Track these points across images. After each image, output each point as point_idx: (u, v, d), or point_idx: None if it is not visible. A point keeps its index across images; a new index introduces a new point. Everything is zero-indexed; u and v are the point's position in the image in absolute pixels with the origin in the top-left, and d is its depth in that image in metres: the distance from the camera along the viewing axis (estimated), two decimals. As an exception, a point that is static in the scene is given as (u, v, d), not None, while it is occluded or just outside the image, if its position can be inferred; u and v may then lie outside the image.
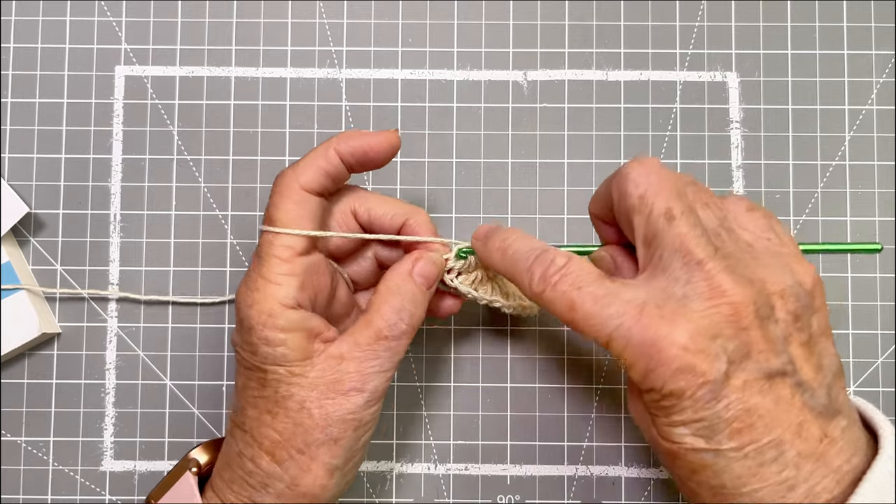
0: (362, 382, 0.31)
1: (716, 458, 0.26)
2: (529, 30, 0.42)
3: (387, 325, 0.31)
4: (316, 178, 0.32)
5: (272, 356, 0.31)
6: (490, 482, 0.40)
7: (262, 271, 0.31)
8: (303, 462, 0.31)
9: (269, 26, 0.42)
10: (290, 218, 0.31)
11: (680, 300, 0.26)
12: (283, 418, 0.31)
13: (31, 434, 0.40)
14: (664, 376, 0.26)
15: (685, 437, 0.26)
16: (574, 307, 0.27)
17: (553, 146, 0.42)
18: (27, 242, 0.41)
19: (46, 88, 0.42)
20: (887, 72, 0.42)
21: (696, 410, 0.26)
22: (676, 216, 0.27)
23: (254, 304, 0.31)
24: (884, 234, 0.41)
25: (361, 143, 0.32)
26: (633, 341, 0.26)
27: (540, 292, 0.29)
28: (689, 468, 0.27)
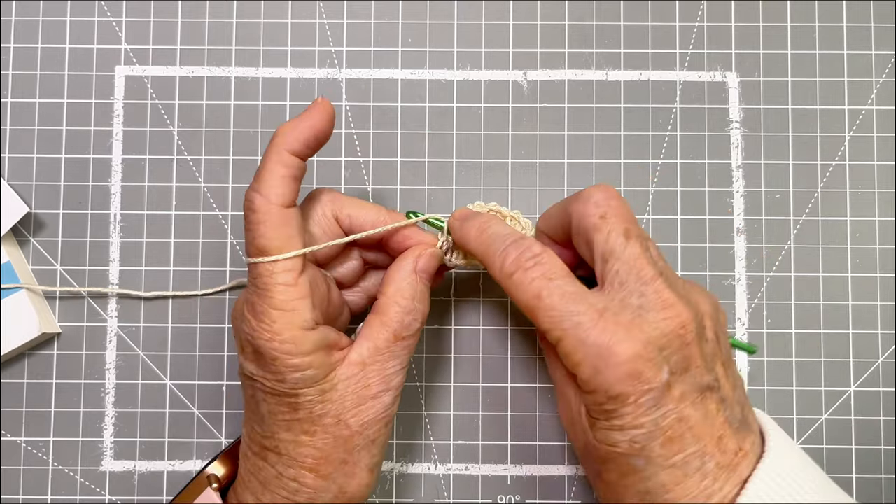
0: (387, 382, 0.32)
1: (646, 465, 0.28)
2: (529, 30, 0.42)
3: (403, 327, 0.32)
4: (285, 188, 0.31)
5: (302, 380, 0.31)
6: (490, 482, 0.40)
7: (272, 303, 0.30)
8: (348, 470, 0.32)
9: (269, 26, 0.42)
10: (281, 242, 0.30)
11: (636, 310, 0.28)
12: (322, 435, 0.31)
13: (31, 434, 0.40)
14: (612, 379, 0.27)
15: (621, 442, 0.28)
16: (540, 296, 0.29)
17: (553, 146, 0.42)
18: (27, 242, 0.41)
19: (46, 88, 0.42)
20: (887, 72, 0.42)
21: (636, 416, 0.27)
22: (632, 237, 0.29)
23: (274, 337, 0.30)
24: (884, 233, 0.41)
25: (304, 129, 0.31)
26: (589, 342, 0.27)
27: (510, 273, 0.30)
28: (618, 472, 0.28)
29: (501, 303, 0.41)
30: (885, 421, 0.40)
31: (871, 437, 0.40)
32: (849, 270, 0.41)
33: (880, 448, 0.40)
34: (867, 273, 0.41)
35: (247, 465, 0.33)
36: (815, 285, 0.41)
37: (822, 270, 0.41)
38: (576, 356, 0.28)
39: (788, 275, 0.41)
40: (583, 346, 0.28)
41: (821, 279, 0.41)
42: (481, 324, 0.41)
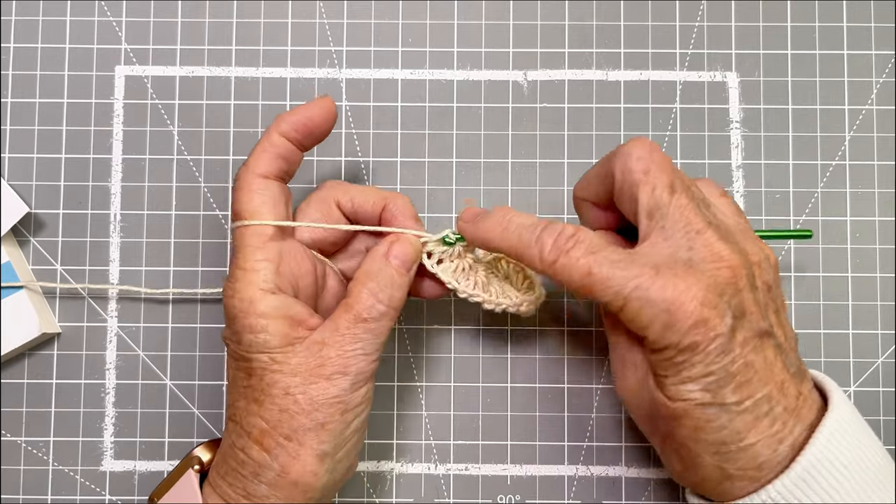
0: (345, 366, 0.31)
1: (720, 413, 0.28)
2: (529, 30, 0.42)
3: (365, 308, 0.32)
4: (269, 163, 0.33)
5: (255, 343, 0.31)
6: (490, 482, 0.40)
7: (237, 262, 0.32)
8: (291, 449, 0.31)
9: (269, 26, 0.42)
10: (254, 207, 0.32)
11: (687, 262, 0.28)
12: (269, 406, 0.31)
13: (31, 434, 0.40)
14: (682, 331, 0.27)
15: (694, 392, 0.28)
16: (591, 272, 0.29)
17: (553, 146, 0.42)
18: (27, 242, 0.41)
19: (46, 88, 0.42)
20: (887, 72, 0.42)
21: (707, 364, 0.28)
22: (678, 190, 0.29)
23: (234, 294, 0.31)
24: (884, 234, 0.41)
25: (299, 117, 0.33)
26: (652, 300, 0.28)
27: (553, 261, 0.30)
28: (692, 426, 0.29)
29: (501, 303, 0.41)
30: (885, 421, 0.40)
31: (871, 437, 0.40)
32: (849, 270, 0.41)
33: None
34: (867, 273, 0.41)
35: (223, 437, 0.34)
36: (815, 285, 0.41)
37: (821, 270, 0.41)
38: (642, 318, 0.28)
39: (789, 275, 0.41)
40: (647, 305, 0.28)
41: (821, 279, 0.41)
42: (481, 324, 0.41)
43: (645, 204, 0.30)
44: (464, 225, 0.34)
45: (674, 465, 0.31)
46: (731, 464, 0.29)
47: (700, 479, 0.30)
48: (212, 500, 0.32)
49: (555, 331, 0.41)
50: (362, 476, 0.40)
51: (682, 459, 0.30)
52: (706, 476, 0.30)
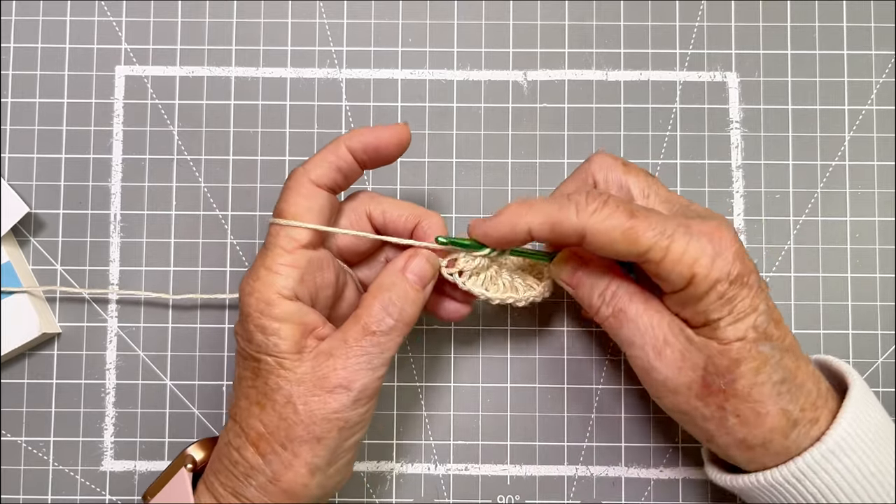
0: (349, 380, 0.31)
1: (773, 350, 0.30)
2: (529, 30, 0.42)
3: (374, 321, 0.31)
4: (326, 172, 0.32)
5: (265, 345, 0.31)
6: (490, 482, 0.40)
7: (265, 261, 0.32)
8: (285, 458, 0.31)
9: (269, 26, 0.42)
10: (298, 210, 0.32)
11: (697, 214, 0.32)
12: (270, 411, 0.31)
13: (31, 434, 0.40)
14: (729, 259, 0.29)
15: (749, 330, 0.30)
16: (634, 216, 0.30)
17: (553, 146, 0.42)
18: (27, 242, 0.41)
19: (46, 88, 0.42)
20: (887, 72, 0.42)
21: (752, 298, 0.30)
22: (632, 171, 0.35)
23: (253, 292, 0.31)
24: (884, 234, 0.41)
25: (372, 138, 0.33)
26: (696, 234, 0.29)
27: (593, 210, 0.30)
28: (752, 368, 0.30)
29: (501, 303, 0.41)
30: (884, 421, 0.40)
31: (871, 437, 0.40)
32: (848, 271, 0.41)
33: (880, 448, 0.40)
34: (867, 273, 0.41)
35: (220, 435, 0.34)
36: (815, 285, 0.41)
37: (821, 271, 0.41)
38: (691, 253, 0.29)
39: (788, 275, 0.41)
40: (694, 240, 0.29)
41: (820, 279, 0.41)
42: (481, 324, 0.41)
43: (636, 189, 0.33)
44: (477, 231, 0.33)
45: (735, 433, 0.31)
46: (794, 403, 0.30)
47: (768, 431, 0.30)
48: (204, 500, 0.32)
49: (555, 331, 0.41)
50: (362, 476, 0.40)
51: (746, 418, 0.30)
52: (774, 426, 0.30)
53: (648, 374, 0.32)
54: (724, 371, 0.30)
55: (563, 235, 0.31)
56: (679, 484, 0.40)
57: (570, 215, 0.30)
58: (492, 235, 0.32)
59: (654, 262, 0.29)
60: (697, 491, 0.40)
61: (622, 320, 0.32)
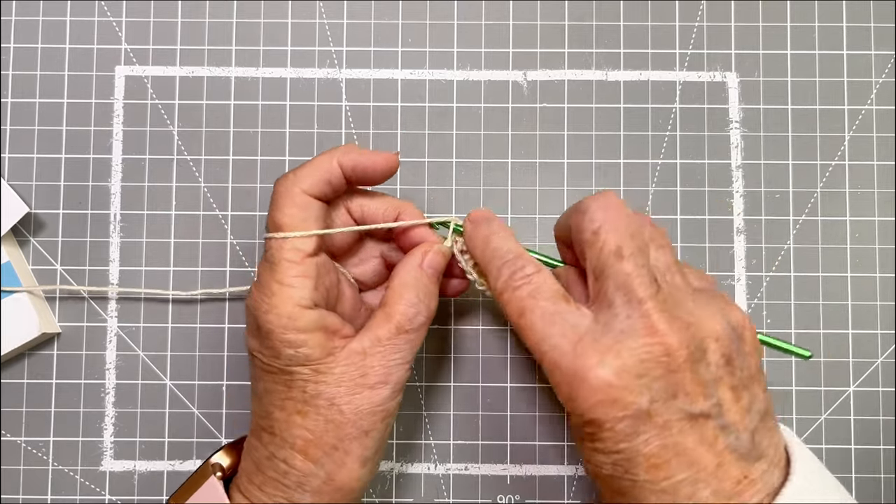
0: (386, 375, 0.32)
1: (632, 488, 0.27)
2: (529, 30, 0.42)
3: (406, 320, 0.32)
4: (317, 184, 0.33)
5: (296, 358, 0.31)
6: (490, 482, 0.40)
7: (275, 276, 0.31)
8: (337, 457, 0.31)
9: (269, 26, 0.42)
10: (296, 221, 0.32)
11: (617, 335, 0.27)
12: (314, 416, 0.31)
13: (31, 434, 0.40)
14: (586, 406, 0.27)
15: (605, 464, 0.28)
16: (524, 314, 0.29)
17: (553, 146, 0.42)
18: (27, 242, 0.41)
19: (46, 88, 0.42)
20: (887, 72, 0.42)
21: (615, 442, 0.27)
22: (625, 255, 0.28)
23: (271, 310, 0.31)
24: (883, 233, 0.41)
25: (364, 160, 0.33)
26: (563, 366, 0.27)
27: (501, 291, 0.30)
28: (610, 490, 0.28)
29: (501, 303, 0.41)
30: (884, 421, 0.40)
31: (871, 437, 0.40)
32: (848, 270, 0.41)
33: (880, 448, 0.40)
34: (867, 273, 0.41)
35: (247, 447, 0.34)
36: (815, 285, 0.41)
37: (821, 270, 0.41)
38: (553, 378, 0.28)
39: (788, 275, 0.41)
40: (558, 369, 0.28)
41: (820, 279, 0.41)
42: (481, 324, 0.41)
43: (591, 265, 0.29)
44: (468, 224, 0.34)
45: None
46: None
47: None
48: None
49: (555, 331, 0.41)
50: (362, 476, 0.40)
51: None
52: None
53: None
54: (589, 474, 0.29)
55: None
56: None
57: (492, 281, 0.31)
58: (465, 237, 0.34)
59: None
60: (697, 491, 0.40)
61: None
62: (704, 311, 0.28)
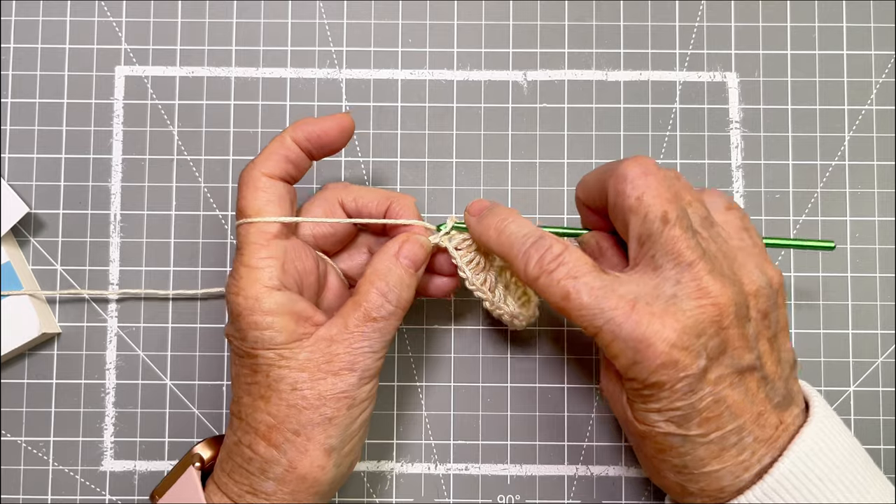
0: (352, 363, 0.31)
1: (683, 442, 0.29)
2: (529, 30, 0.42)
3: (374, 307, 0.32)
4: (276, 164, 0.33)
5: (261, 340, 0.31)
6: (490, 482, 0.40)
7: (242, 259, 0.32)
8: (299, 444, 0.31)
9: (269, 26, 0.42)
10: (259, 204, 0.32)
11: (670, 299, 0.28)
12: (277, 401, 0.31)
13: (31, 434, 0.40)
14: (649, 370, 0.28)
15: (659, 422, 0.29)
16: (569, 297, 0.29)
17: (553, 146, 0.42)
18: (27, 242, 0.41)
19: (46, 88, 0.42)
20: (887, 72, 0.42)
21: (672, 401, 0.28)
22: (671, 220, 0.29)
23: (239, 291, 0.31)
24: (883, 234, 0.41)
25: (314, 128, 0.33)
26: (622, 335, 0.28)
27: (535, 277, 0.30)
28: (656, 448, 0.30)
29: (501, 303, 0.41)
30: (884, 421, 0.40)
31: (871, 436, 0.40)
32: (849, 270, 0.41)
33: (880, 448, 0.40)
34: (867, 273, 0.41)
35: (225, 435, 0.34)
36: (815, 285, 0.41)
37: (821, 270, 0.41)
38: (612, 349, 0.28)
39: (788, 275, 0.41)
40: (617, 340, 0.28)
41: (820, 279, 0.41)
42: (481, 324, 0.41)
43: (636, 231, 0.29)
44: (468, 217, 0.34)
45: (643, 466, 0.32)
46: (692, 484, 0.30)
47: (663, 487, 0.31)
48: (216, 499, 0.32)
49: (555, 331, 0.41)
50: (362, 476, 0.40)
51: (648, 468, 0.32)
52: (668, 487, 0.31)
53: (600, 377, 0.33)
54: (634, 434, 0.31)
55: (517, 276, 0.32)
56: (679, 484, 0.40)
57: (519, 270, 0.31)
58: (470, 230, 0.34)
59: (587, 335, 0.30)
60: (697, 491, 0.40)
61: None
62: (744, 268, 0.29)
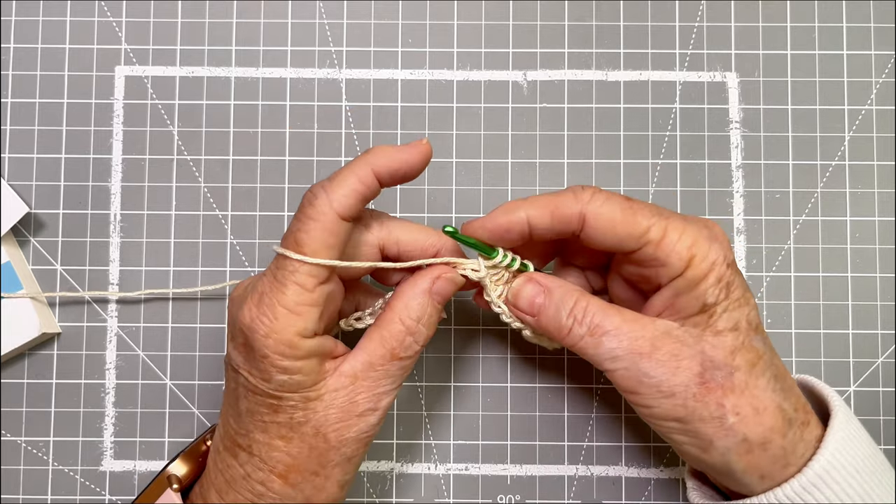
0: (375, 401, 0.31)
1: (764, 347, 0.30)
2: (529, 30, 0.42)
3: (402, 346, 0.31)
4: (352, 203, 0.29)
5: (288, 384, 0.30)
6: (490, 482, 0.40)
7: (281, 299, 0.29)
8: (318, 483, 0.31)
9: (269, 26, 0.42)
10: (320, 246, 0.29)
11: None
12: (298, 443, 0.30)
13: (31, 434, 0.40)
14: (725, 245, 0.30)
15: (742, 321, 0.30)
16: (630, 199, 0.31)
17: (553, 146, 0.42)
18: (27, 242, 0.41)
19: (46, 88, 0.42)
20: (887, 72, 0.42)
21: (744, 290, 0.31)
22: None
23: (271, 334, 0.29)
24: (883, 233, 0.41)
25: (398, 160, 0.30)
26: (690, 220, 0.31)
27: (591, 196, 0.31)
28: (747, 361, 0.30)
29: (501, 303, 0.41)
30: (885, 421, 0.40)
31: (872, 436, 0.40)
32: (848, 270, 0.41)
33: (880, 448, 0.40)
34: (867, 273, 0.41)
35: (216, 459, 0.32)
36: (815, 285, 0.41)
37: (821, 270, 0.41)
38: (689, 233, 0.30)
39: (788, 275, 0.41)
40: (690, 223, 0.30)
41: (820, 279, 0.41)
42: (481, 324, 0.41)
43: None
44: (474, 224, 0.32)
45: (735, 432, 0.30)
46: (788, 402, 0.30)
47: (767, 430, 0.29)
48: None
49: (555, 331, 0.41)
50: (362, 476, 0.40)
51: (745, 416, 0.29)
52: (772, 424, 0.29)
53: (640, 383, 0.30)
54: (721, 364, 0.29)
55: (564, 221, 0.31)
56: (679, 484, 0.40)
57: (568, 202, 0.30)
58: (487, 227, 0.32)
59: (653, 242, 0.30)
60: (697, 491, 0.40)
61: (599, 335, 0.30)
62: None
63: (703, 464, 0.31)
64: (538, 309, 0.32)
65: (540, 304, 0.32)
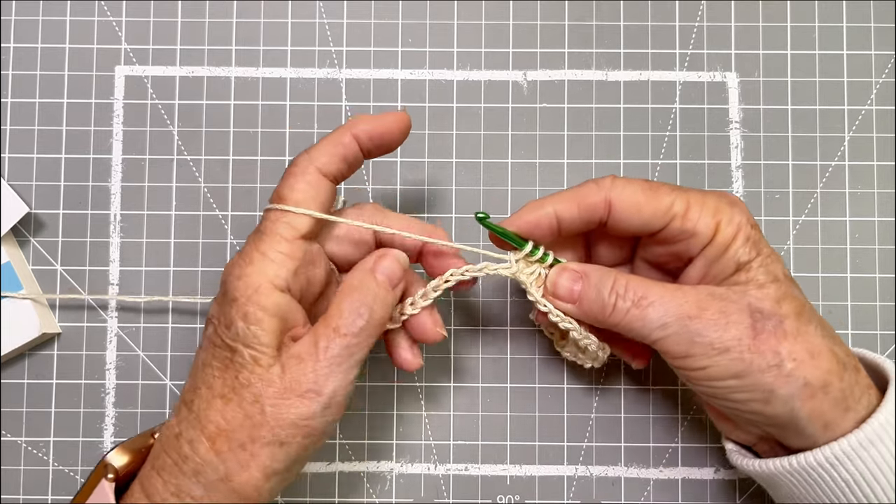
0: (319, 385, 0.30)
1: (802, 296, 0.32)
2: (529, 30, 0.42)
3: (344, 323, 0.30)
4: (332, 161, 0.32)
5: (244, 335, 0.30)
6: (490, 482, 0.40)
7: (260, 246, 0.31)
8: (242, 458, 0.29)
9: (269, 26, 0.42)
10: (301, 198, 0.31)
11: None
12: (235, 407, 0.30)
13: (31, 434, 0.40)
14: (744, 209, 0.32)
15: (780, 272, 0.31)
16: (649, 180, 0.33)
17: (553, 146, 0.42)
18: (27, 242, 0.41)
19: (46, 88, 0.42)
20: (887, 72, 0.42)
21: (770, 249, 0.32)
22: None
23: (243, 276, 0.30)
24: (883, 233, 0.41)
25: (378, 126, 0.33)
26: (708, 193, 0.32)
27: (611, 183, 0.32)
28: (796, 309, 0.31)
29: (501, 303, 0.41)
30: (884, 421, 0.40)
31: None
32: (848, 271, 0.41)
33: (880, 448, 0.40)
34: (867, 273, 0.41)
35: (165, 425, 0.32)
36: (815, 285, 0.41)
37: (821, 271, 0.41)
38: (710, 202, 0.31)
39: (788, 275, 0.41)
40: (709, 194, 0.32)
41: (820, 279, 0.41)
42: (481, 324, 0.41)
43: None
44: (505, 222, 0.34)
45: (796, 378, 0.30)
46: (838, 346, 0.31)
47: (825, 372, 0.30)
48: (135, 500, 0.30)
49: (555, 331, 0.41)
50: (362, 476, 0.40)
51: (802, 360, 0.30)
52: (829, 367, 0.30)
53: (692, 343, 0.30)
54: (770, 313, 0.30)
55: (590, 209, 0.32)
56: (679, 484, 0.40)
57: (591, 191, 0.32)
58: (516, 224, 0.33)
59: (679, 215, 0.31)
60: (697, 491, 0.40)
61: (645, 306, 0.31)
62: None
63: (766, 419, 0.31)
64: (578, 295, 0.33)
65: (579, 290, 0.33)
